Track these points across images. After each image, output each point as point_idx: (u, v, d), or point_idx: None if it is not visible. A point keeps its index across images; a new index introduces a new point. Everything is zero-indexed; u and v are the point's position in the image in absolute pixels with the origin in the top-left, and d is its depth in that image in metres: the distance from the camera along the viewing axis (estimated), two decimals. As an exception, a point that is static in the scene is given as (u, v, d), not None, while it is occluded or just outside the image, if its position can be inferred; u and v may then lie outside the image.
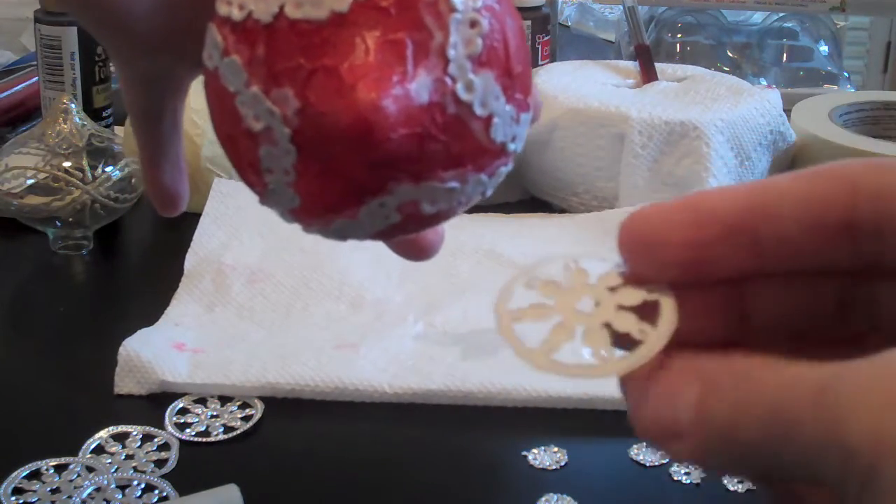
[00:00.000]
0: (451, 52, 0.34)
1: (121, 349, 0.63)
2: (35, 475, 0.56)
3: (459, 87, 0.35)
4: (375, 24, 0.34)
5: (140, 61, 0.43)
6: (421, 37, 0.34)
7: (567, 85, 0.89)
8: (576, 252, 0.31)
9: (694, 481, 0.56)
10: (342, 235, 0.38)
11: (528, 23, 1.04)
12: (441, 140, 0.35)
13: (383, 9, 0.34)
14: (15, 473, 0.55)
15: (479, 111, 0.35)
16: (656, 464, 0.58)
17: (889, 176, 0.26)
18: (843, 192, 0.26)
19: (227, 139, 0.37)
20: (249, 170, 0.37)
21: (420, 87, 0.34)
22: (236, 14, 0.35)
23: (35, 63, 0.96)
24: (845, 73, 1.16)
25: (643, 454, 0.58)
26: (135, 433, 0.59)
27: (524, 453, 0.58)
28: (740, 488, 0.56)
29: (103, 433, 0.59)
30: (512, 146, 0.37)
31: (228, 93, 0.35)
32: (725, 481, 0.56)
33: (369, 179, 0.35)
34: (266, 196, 0.38)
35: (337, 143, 0.34)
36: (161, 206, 0.47)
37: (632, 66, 0.96)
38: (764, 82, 1.11)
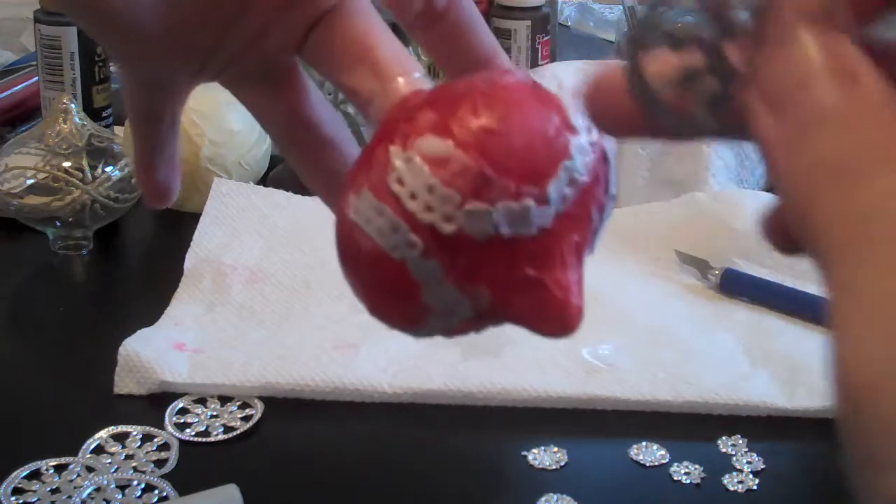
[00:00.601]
0: (597, 227, 0.38)
1: (121, 349, 0.63)
2: (35, 475, 0.56)
3: (593, 249, 0.39)
4: (566, 230, 0.36)
5: (143, 66, 0.42)
6: (590, 227, 0.38)
7: (567, 85, 0.88)
8: None
9: (694, 481, 0.56)
10: None
11: (528, 23, 1.04)
12: None
13: (570, 215, 0.36)
14: (15, 473, 0.56)
15: (591, 253, 0.39)
16: (656, 464, 0.58)
17: None
18: None
19: (382, 300, 0.38)
20: (401, 321, 0.38)
21: (584, 266, 0.38)
22: (443, 226, 0.35)
23: (35, 63, 0.96)
24: (845, 73, 1.15)
25: (643, 454, 0.58)
26: (135, 433, 0.59)
27: (524, 453, 0.58)
28: (740, 488, 0.56)
29: (103, 433, 0.59)
30: None
31: (413, 280, 0.36)
32: (725, 481, 0.56)
33: None
34: (406, 331, 0.39)
35: (523, 327, 0.37)
36: (151, 200, 0.47)
37: (632, 66, 0.96)
38: (764, 82, 1.11)
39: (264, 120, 0.45)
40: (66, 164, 0.78)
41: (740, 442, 0.59)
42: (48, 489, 0.55)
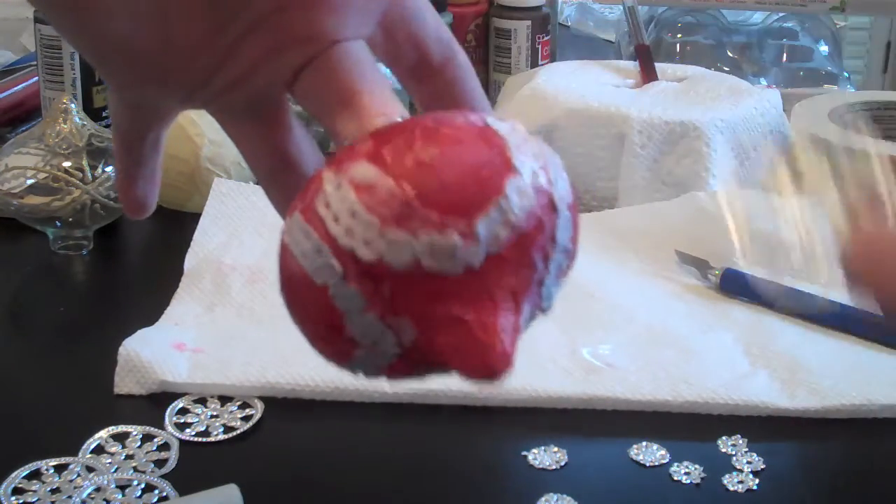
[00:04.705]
0: (548, 281, 0.37)
1: (121, 349, 0.63)
2: (35, 475, 0.56)
3: (545, 303, 0.38)
4: (499, 273, 0.35)
5: (133, 90, 0.43)
6: (531, 275, 0.36)
7: (567, 85, 0.89)
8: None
9: (694, 481, 0.56)
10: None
11: (528, 23, 1.04)
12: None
13: (506, 258, 0.35)
14: (15, 473, 0.56)
15: (546, 307, 0.38)
16: (656, 464, 0.58)
17: None
18: None
19: (309, 326, 0.39)
20: (330, 352, 0.39)
21: (525, 319, 0.37)
22: (363, 252, 0.35)
23: (35, 63, 0.96)
24: (845, 73, 1.15)
25: (643, 454, 0.58)
26: (135, 433, 0.59)
27: (524, 453, 0.58)
28: (740, 488, 0.56)
29: (103, 433, 0.59)
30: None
31: (335, 308, 0.36)
32: (725, 481, 0.56)
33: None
34: (340, 366, 0.39)
35: (450, 370, 0.36)
36: (129, 212, 0.48)
37: (632, 66, 0.96)
38: (764, 82, 1.11)
39: (246, 152, 0.45)
40: (66, 164, 0.78)
41: (740, 442, 0.59)
42: (48, 489, 0.55)
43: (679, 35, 1.18)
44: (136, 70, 0.40)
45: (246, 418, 0.61)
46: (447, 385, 0.62)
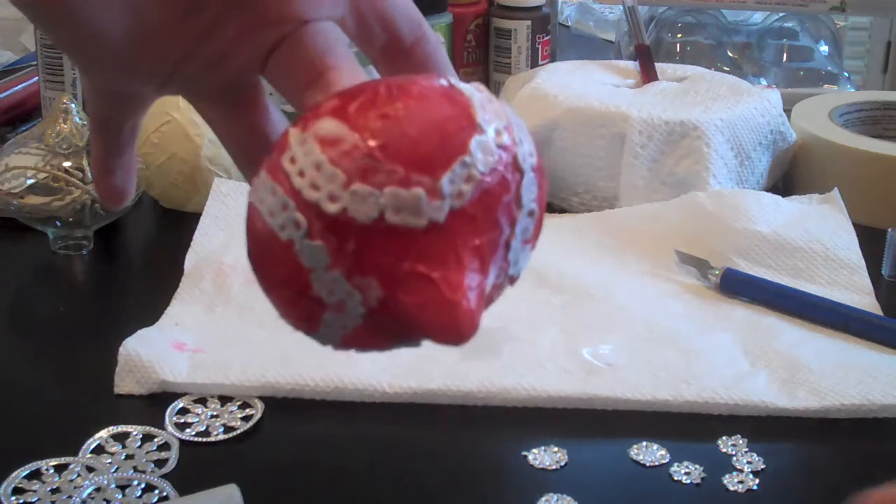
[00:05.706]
0: (514, 243, 0.38)
1: (121, 349, 0.63)
2: (35, 475, 0.56)
3: (511, 267, 0.38)
4: (464, 230, 0.36)
5: (108, 79, 0.43)
6: (496, 235, 0.37)
7: (567, 85, 0.89)
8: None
9: (694, 481, 0.56)
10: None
11: (528, 23, 1.04)
12: (487, 306, 0.38)
13: (471, 215, 0.36)
14: (15, 473, 0.56)
15: (514, 274, 0.39)
16: (656, 464, 0.58)
17: None
18: None
19: (276, 288, 0.39)
20: (297, 317, 0.39)
21: (491, 279, 0.37)
22: (328, 206, 0.35)
23: (35, 63, 0.96)
24: (845, 73, 1.15)
25: (643, 454, 0.58)
26: (135, 433, 0.59)
27: (524, 453, 0.58)
28: (740, 488, 0.56)
29: (103, 433, 0.59)
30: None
31: (301, 266, 0.36)
32: (725, 481, 0.56)
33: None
34: (308, 334, 0.39)
35: (416, 332, 0.37)
36: (107, 201, 0.48)
37: (632, 66, 0.96)
38: (764, 82, 1.11)
39: (223, 135, 0.45)
40: (66, 164, 0.78)
41: (740, 442, 0.59)
42: (48, 489, 0.55)
43: (679, 35, 1.18)
44: (112, 57, 0.40)
45: (246, 418, 0.61)
46: (447, 385, 0.62)
